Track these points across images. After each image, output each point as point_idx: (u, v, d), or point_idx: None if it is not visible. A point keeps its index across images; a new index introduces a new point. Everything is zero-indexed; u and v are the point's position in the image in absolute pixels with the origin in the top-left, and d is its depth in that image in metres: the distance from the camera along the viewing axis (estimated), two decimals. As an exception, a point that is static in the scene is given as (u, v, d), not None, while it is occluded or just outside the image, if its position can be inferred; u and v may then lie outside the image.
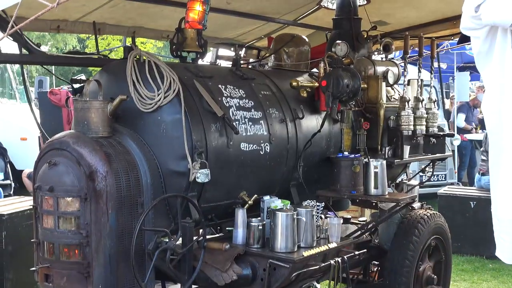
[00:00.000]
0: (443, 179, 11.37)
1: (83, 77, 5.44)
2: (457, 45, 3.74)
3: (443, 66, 12.56)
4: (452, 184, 11.13)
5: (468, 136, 12.96)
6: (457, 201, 8.22)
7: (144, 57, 3.93)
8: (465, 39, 2.45)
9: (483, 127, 13.31)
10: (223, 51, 6.56)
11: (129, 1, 4.92)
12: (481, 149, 9.07)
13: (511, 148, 2.32)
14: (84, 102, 3.79)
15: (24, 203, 6.06)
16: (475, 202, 8.05)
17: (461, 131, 13.16)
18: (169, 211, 3.83)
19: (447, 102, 13.74)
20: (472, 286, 6.91)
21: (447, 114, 13.16)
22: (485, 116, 2.41)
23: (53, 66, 6.87)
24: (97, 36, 5.11)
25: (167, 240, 3.63)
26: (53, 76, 8.12)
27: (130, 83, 3.85)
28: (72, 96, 4.53)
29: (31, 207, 3.78)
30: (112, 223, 3.52)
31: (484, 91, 10.00)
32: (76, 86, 4.45)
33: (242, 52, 6.24)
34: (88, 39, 24.88)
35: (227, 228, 4.51)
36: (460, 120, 13.35)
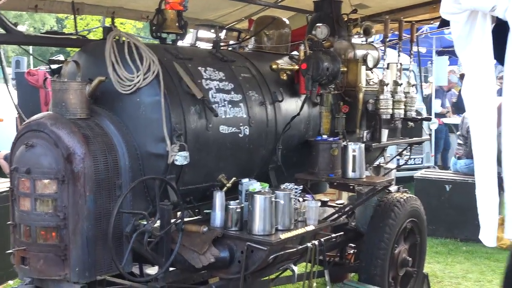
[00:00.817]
0: (420, 162, 11.49)
1: (61, 57, 5.35)
2: (437, 29, 3.77)
3: (422, 50, 12.63)
4: (428, 167, 11.25)
5: (445, 120, 13.11)
6: (432, 185, 8.32)
7: (124, 38, 3.90)
8: (445, 23, 2.46)
9: (457, 111, 13.50)
10: (203, 33, 6.51)
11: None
12: (458, 133, 9.17)
13: (491, 131, 2.34)
14: (62, 83, 3.75)
15: (0, 185, 6.00)
16: (450, 186, 8.15)
17: (437, 115, 13.31)
18: (147, 194, 3.82)
19: (425, 85, 13.85)
20: (446, 268, 7.02)
21: (426, 99, 13.29)
22: (464, 100, 2.43)
23: (30, 46, 6.78)
24: (76, 16, 5.04)
25: (145, 222, 3.63)
26: (31, 56, 8.00)
27: (109, 64, 3.83)
28: (50, 77, 4.48)
29: (8, 189, 3.75)
30: (89, 206, 3.50)
31: (456, 74, 10.12)
32: (54, 67, 4.40)
33: (222, 34, 6.22)
34: (67, 19, 24.54)
35: (205, 211, 4.52)
36: (436, 105, 13.51)
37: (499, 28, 2.28)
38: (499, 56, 2.25)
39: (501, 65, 2.26)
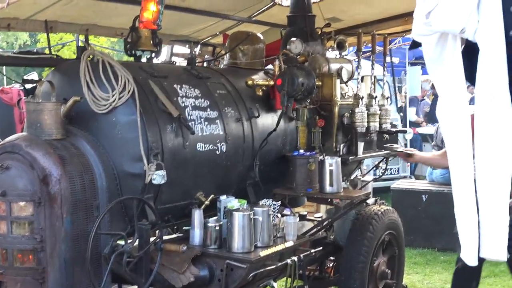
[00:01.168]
0: (396, 172, 11.58)
1: (34, 75, 5.31)
2: (409, 49, 3.83)
3: (396, 60, 12.79)
4: (405, 177, 11.33)
5: (419, 130, 13.27)
6: (409, 195, 8.37)
7: (98, 57, 3.88)
8: (416, 44, 2.50)
9: (430, 120, 13.68)
10: (178, 48, 6.53)
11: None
12: (432, 143, 9.26)
13: (465, 151, 2.37)
14: (37, 103, 3.72)
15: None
16: (427, 196, 8.21)
17: (412, 124, 13.48)
18: (125, 214, 3.80)
19: (399, 96, 14.03)
20: (424, 278, 7.06)
21: (400, 109, 13.45)
22: (439, 121, 2.47)
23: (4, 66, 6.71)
24: (49, 34, 5.01)
25: (124, 243, 3.60)
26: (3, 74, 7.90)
27: (84, 84, 3.80)
28: (24, 97, 4.44)
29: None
30: (67, 227, 3.47)
31: (429, 82, 10.26)
32: (28, 86, 4.36)
33: (197, 49, 6.23)
34: (40, 33, 24.33)
35: (184, 227, 4.50)
36: (411, 113, 13.69)
37: (468, 49, 2.33)
38: (470, 77, 2.30)
39: (472, 85, 2.31)
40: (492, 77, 2.20)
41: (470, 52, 2.30)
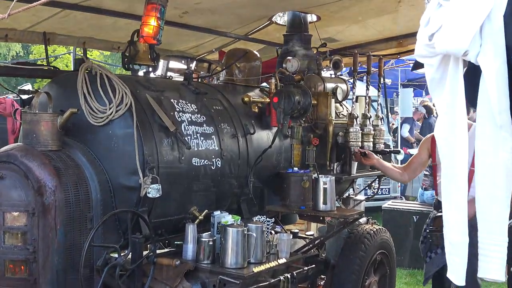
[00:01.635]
0: (387, 192, 11.61)
1: (29, 86, 5.30)
2: (411, 69, 3.88)
3: (388, 82, 12.89)
4: (395, 197, 11.36)
5: (411, 151, 13.32)
6: (400, 215, 8.38)
7: (96, 70, 3.89)
8: (418, 65, 2.52)
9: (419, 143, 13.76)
10: (173, 64, 6.53)
11: (81, 12, 4.85)
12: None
13: (462, 175, 2.39)
14: (33, 114, 3.72)
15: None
16: (417, 217, 8.22)
17: (404, 142, 13.53)
18: (119, 226, 3.78)
19: (391, 116, 14.12)
20: (414, 299, 7.05)
21: (394, 129, 13.53)
22: (437, 142, 2.48)
23: (-2, 75, 6.69)
24: (47, 46, 5.03)
25: (116, 255, 3.58)
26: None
27: (81, 96, 3.81)
28: (20, 107, 4.44)
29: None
30: (60, 239, 3.45)
31: (423, 105, 10.31)
32: (24, 97, 4.36)
33: (193, 65, 6.24)
34: (33, 45, 24.28)
35: (175, 242, 4.48)
36: (404, 130, 13.77)
37: (471, 72, 2.36)
38: (471, 99, 2.32)
39: (473, 107, 2.34)
40: (494, 100, 2.23)
41: (472, 74, 2.33)
